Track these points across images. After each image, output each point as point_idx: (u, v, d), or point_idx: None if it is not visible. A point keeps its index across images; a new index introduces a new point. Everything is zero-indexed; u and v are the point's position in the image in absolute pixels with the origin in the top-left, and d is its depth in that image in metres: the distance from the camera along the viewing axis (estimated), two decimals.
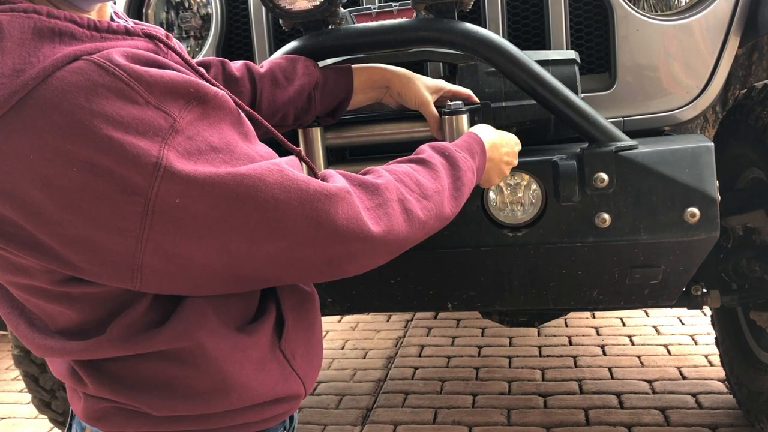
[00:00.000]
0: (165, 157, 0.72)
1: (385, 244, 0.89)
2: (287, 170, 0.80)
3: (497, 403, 2.57)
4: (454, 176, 1.05)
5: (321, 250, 0.84)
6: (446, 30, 1.38)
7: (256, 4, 1.79)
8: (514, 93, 1.51)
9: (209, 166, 0.75)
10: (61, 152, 0.70)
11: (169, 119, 0.73)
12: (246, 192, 0.76)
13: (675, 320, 3.31)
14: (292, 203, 0.79)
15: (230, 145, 0.78)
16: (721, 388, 2.55)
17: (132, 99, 0.72)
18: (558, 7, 1.67)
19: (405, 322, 3.59)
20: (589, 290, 1.64)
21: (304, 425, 2.53)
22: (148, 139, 0.71)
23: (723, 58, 1.68)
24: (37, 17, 0.73)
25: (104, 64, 0.72)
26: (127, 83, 0.72)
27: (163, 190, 0.72)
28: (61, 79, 0.70)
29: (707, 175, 1.42)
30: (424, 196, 0.97)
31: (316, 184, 0.82)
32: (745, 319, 2.20)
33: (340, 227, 0.83)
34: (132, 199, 0.71)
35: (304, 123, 1.43)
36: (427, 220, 0.96)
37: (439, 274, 1.65)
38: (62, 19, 0.75)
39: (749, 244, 1.99)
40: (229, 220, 0.76)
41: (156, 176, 0.71)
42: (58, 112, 0.69)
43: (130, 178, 0.71)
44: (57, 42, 0.73)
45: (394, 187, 0.93)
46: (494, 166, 1.27)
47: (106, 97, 0.70)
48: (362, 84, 1.41)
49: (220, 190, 0.74)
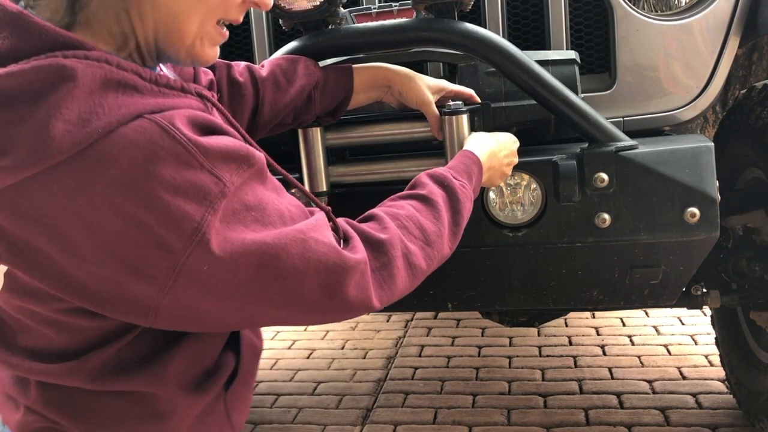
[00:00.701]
0: (207, 223, 0.75)
1: (388, 303, 0.94)
2: (311, 238, 0.84)
3: (497, 403, 2.57)
4: (454, 210, 1.07)
5: (330, 316, 0.89)
6: (446, 30, 1.38)
7: None
8: (514, 93, 1.51)
9: (241, 229, 0.78)
10: (109, 203, 0.73)
11: (220, 184, 0.77)
12: (269, 262, 0.80)
13: (675, 320, 3.31)
14: (310, 273, 0.83)
15: (263, 203, 0.82)
16: (721, 388, 2.55)
17: (188, 163, 0.75)
18: (558, 7, 1.67)
19: (405, 322, 3.59)
20: (589, 290, 1.64)
21: (304, 425, 2.54)
22: (196, 203, 0.75)
23: (723, 58, 1.68)
24: (108, 68, 0.76)
25: (166, 127, 0.75)
26: (186, 147, 0.75)
27: (195, 255, 0.75)
28: (123, 135, 0.73)
29: (707, 175, 1.42)
30: (428, 242, 1.00)
31: (335, 257, 0.85)
32: (745, 319, 2.20)
33: (351, 298, 0.87)
34: (165, 255, 0.75)
35: (305, 123, 1.43)
36: (429, 268, 1.00)
37: (439, 274, 1.63)
38: (129, 71, 0.78)
39: (749, 244, 1.99)
40: (249, 287, 0.80)
41: (193, 241, 0.75)
42: (115, 167, 0.72)
43: (168, 238, 0.74)
44: (121, 93, 0.76)
45: (398, 241, 0.95)
46: (495, 172, 1.28)
47: (164, 159, 0.74)
48: (363, 83, 1.41)
49: (246, 260, 0.78)
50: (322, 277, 0.84)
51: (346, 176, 1.51)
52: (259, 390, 2.89)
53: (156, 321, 0.80)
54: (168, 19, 0.85)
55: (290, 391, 2.84)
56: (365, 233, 0.94)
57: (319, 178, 1.48)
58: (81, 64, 0.74)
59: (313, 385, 2.89)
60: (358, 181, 1.51)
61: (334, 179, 1.51)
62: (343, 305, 0.87)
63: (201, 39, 0.90)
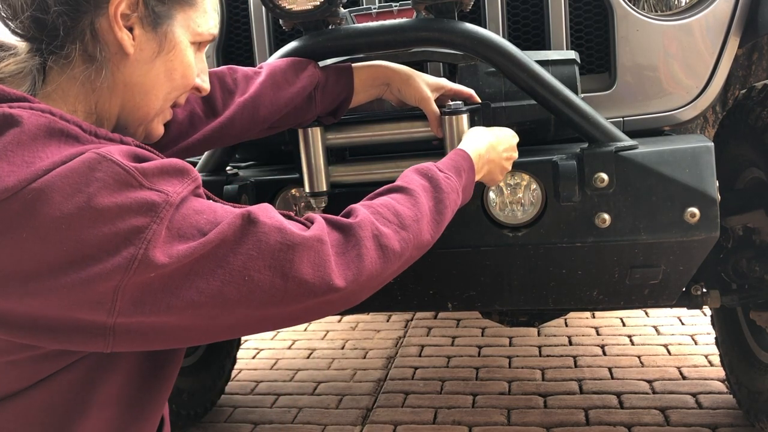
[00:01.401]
0: (152, 233, 0.78)
1: (359, 286, 0.91)
2: (253, 220, 0.84)
3: (497, 403, 2.57)
4: (437, 199, 1.06)
5: (295, 303, 0.86)
6: (446, 30, 1.38)
7: (256, 4, 1.79)
8: (514, 93, 1.51)
9: (188, 231, 0.81)
10: (54, 229, 0.75)
11: (163, 195, 0.80)
12: (213, 252, 0.81)
13: (675, 320, 3.31)
14: (252, 253, 0.83)
15: (211, 207, 0.85)
16: (721, 388, 2.55)
17: (128, 183, 0.79)
18: (558, 7, 1.67)
19: (405, 322, 3.59)
20: (589, 290, 1.64)
21: (304, 425, 2.54)
22: (141, 216, 0.78)
23: (723, 59, 1.68)
24: (52, 118, 0.81)
25: (105, 153, 0.80)
26: (125, 169, 0.79)
27: (141, 267, 0.77)
28: (64, 167, 0.77)
29: (707, 175, 1.42)
30: (403, 226, 0.98)
31: (278, 235, 0.84)
32: (745, 319, 2.20)
33: (306, 277, 0.85)
34: (111, 272, 0.76)
35: (305, 123, 1.43)
36: (404, 251, 0.98)
37: (439, 274, 1.65)
38: (71, 122, 0.83)
39: (749, 244, 1.99)
40: (198, 284, 0.80)
41: (138, 253, 0.77)
42: (58, 194, 0.76)
43: (113, 254, 0.77)
44: (63, 142, 0.81)
45: (368, 223, 0.95)
46: (495, 166, 1.27)
47: (103, 181, 0.78)
48: (364, 82, 1.41)
49: (191, 260, 0.80)
50: (267, 257, 0.83)
51: (346, 176, 1.51)
52: (259, 390, 2.89)
53: (116, 343, 0.80)
54: (138, 97, 0.94)
55: (290, 391, 2.85)
56: (332, 219, 0.94)
57: (319, 178, 1.48)
58: (26, 113, 0.80)
59: (313, 385, 2.89)
60: (358, 181, 1.51)
61: (334, 179, 1.51)
62: (300, 286, 0.85)
63: (158, 116, 1.00)
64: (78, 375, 0.88)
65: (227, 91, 1.30)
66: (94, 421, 0.91)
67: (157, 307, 0.78)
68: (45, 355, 0.84)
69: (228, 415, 2.68)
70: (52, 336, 0.79)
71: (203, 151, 1.50)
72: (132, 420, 0.97)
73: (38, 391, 0.87)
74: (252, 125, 1.32)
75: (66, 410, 0.89)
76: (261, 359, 3.26)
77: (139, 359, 0.96)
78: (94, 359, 0.89)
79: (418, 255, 1.03)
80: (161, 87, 0.97)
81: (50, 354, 0.84)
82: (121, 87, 0.93)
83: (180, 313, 0.80)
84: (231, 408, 2.73)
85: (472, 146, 1.22)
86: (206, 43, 1.03)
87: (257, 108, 1.31)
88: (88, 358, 0.88)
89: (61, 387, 0.88)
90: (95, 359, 0.89)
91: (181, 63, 0.97)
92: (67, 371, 0.87)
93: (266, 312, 0.86)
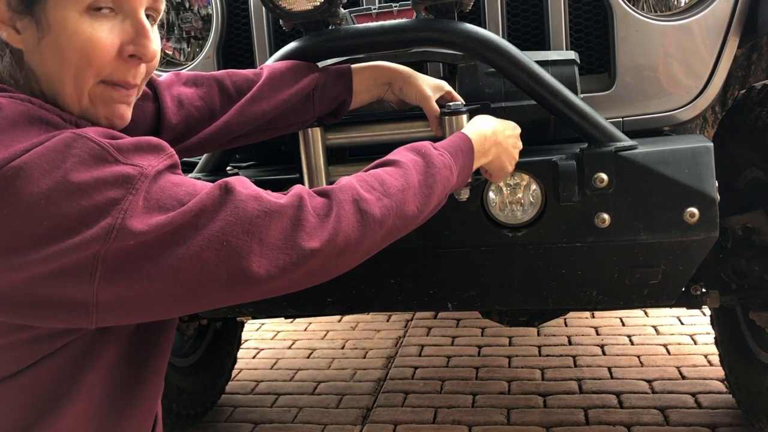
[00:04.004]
0: (129, 203, 0.80)
1: (336, 248, 0.92)
2: (230, 190, 0.86)
3: (497, 403, 2.57)
4: (427, 173, 1.05)
5: (270, 266, 0.87)
6: (446, 30, 1.39)
7: (256, 4, 1.79)
8: (514, 93, 1.51)
9: (166, 202, 0.83)
10: (35, 205, 0.78)
11: (138, 168, 0.83)
12: (190, 221, 0.83)
13: (674, 320, 3.31)
14: (230, 220, 0.84)
15: (187, 180, 0.88)
16: (721, 387, 2.55)
17: (104, 158, 0.82)
18: (558, 8, 1.67)
19: (405, 322, 3.59)
20: (588, 290, 1.64)
21: (304, 425, 2.54)
22: (117, 188, 0.81)
23: (722, 59, 1.68)
24: (31, 106, 0.85)
25: (80, 132, 0.83)
26: (100, 144, 0.82)
27: (119, 237, 0.79)
28: (42, 146, 0.80)
29: (707, 175, 1.42)
30: (386, 194, 0.98)
31: (254, 203, 0.87)
32: (744, 319, 2.20)
33: (284, 243, 0.87)
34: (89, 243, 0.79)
35: (304, 125, 1.44)
36: (385, 218, 0.97)
37: (439, 274, 1.65)
38: (50, 111, 0.87)
39: (749, 244, 1.99)
40: (176, 252, 0.82)
41: (116, 223, 0.79)
42: (35, 171, 0.78)
43: (91, 225, 0.79)
44: (43, 130, 0.84)
45: (350, 188, 0.96)
46: (503, 150, 1.28)
47: (79, 156, 0.80)
48: (364, 82, 1.41)
49: (170, 228, 0.82)
50: (245, 222, 0.85)
51: (346, 176, 1.51)
52: (259, 390, 2.89)
53: (99, 317, 0.81)
54: (50, 87, 0.92)
55: (290, 391, 2.85)
56: (317, 188, 0.97)
57: (319, 178, 1.48)
58: (5, 100, 0.83)
59: (313, 384, 2.89)
60: None
61: (334, 179, 1.50)
62: (276, 250, 0.86)
63: (91, 100, 0.93)
64: (66, 360, 0.90)
65: (226, 95, 1.30)
66: (83, 403, 0.93)
67: (138, 274, 0.80)
68: (34, 338, 0.86)
69: (228, 414, 2.68)
70: (36, 313, 0.81)
71: (202, 153, 1.51)
72: (121, 405, 0.99)
73: (27, 375, 0.88)
74: (250, 128, 1.33)
75: (55, 393, 0.91)
76: (261, 359, 3.26)
77: (126, 344, 0.97)
78: (81, 344, 0.91)
79: (403, 227, 1.01)
80: (62, 71, 0.90)
81: (38, 337, 0.86)
82: (35, 80, 0.92)
83: (160, 280, 0.81)
84: (231, 408, 2.73)
85: (475, 130, 1.22)
86: (123, 2, 0.92)
87: (255, 110, 1.31)
88: (74, 343, 0.90)
89: (50, 371, 0.89)
90: (83, 344, 0.91)
91: (70, 39, 0.88)
92: (55, 356, 0.89)
93: (241, 282, 0.87)
